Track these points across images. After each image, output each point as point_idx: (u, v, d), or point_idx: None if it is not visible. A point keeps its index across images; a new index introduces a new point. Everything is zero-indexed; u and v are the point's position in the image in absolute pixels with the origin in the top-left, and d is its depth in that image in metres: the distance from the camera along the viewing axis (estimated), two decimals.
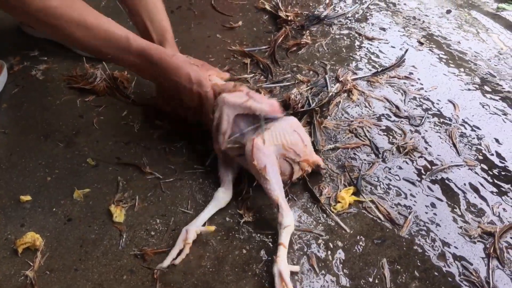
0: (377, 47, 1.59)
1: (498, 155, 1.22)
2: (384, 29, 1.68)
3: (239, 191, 1.09)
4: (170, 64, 1.07)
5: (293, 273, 0.94)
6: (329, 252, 0.99)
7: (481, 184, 1.14)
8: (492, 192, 1.12)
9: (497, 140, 1.25)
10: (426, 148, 1.22)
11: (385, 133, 1.26)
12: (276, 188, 0.99)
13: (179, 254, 0.96)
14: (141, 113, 1.29)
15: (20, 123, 1.25)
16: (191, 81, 1.08)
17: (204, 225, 1.01)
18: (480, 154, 1.22)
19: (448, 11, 1.81)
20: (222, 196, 1.04)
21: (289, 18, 1.66)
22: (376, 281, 0.94)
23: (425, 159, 1.19)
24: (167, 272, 0.94)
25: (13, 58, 1.44)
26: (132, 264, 0.96)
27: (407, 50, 1.55)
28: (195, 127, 1.21)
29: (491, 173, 1.17)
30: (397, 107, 1.34)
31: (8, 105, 1.30)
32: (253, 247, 0.99)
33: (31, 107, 1.29)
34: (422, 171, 1.16)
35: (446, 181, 1.14)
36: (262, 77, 1.44)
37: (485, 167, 1.18)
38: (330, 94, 1.34)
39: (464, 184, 1.14)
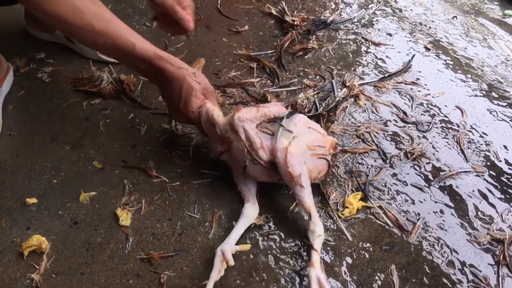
0: (384, 52, 1.59)
1: (506, 161, 1.21)
2: (390, 35, 1.68)
3: None
4: (169, 74, 1.08)
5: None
6: (337, 258, 0.98)
7: (490, 191, 1.13)
8: (500, 198, 1.12)
9: (505, 147, 1.25)
10: (434, 154, 1.22)
11: (393, 139, 1.25)
12: (309, 197, 0.99)
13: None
14: (147, 116, 1.28)
15: (26, 125, 1.24)
16: (180, 97, 1.09)
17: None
18: (489, 160, 1.21)
19: (454, 17, 1.81)
20: (250, 212, 1.02)
21: (295, 23, 1.66)
22: None
23: (433, 165, 1.19)
24: (173, 277, 0.93)
25: (19, 60, 1.44)
26: (138, 268, 0.95)
27: (413, 56, 1.55)
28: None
29: (499, 179, 1.16)
30: (404, 113, 1.34)
31: (14, 107, 1.29)
32: (260, 252, 0.98)
33: (37, 110, 1.29)
34: (430, 177, 1.16)
35: (455, 188, 1.13)
36: (268, 81, 1.43)
37: (493, 173, 1.17)
38: (337, 99, 1.34)
39: (473, 191, 1.13)
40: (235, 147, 1.04)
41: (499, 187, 1.14)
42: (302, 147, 1.03)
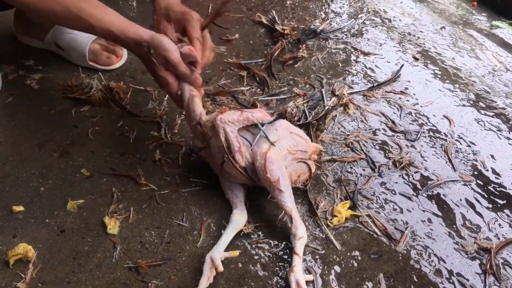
0: (373, 62, 1.60)
1: (493, 171, 1.22)
2: (379, 44, 1.70)
3: None
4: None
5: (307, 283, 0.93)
6: (326, 267, 0.98)
7: (477, 200, 1.14)
8: (488, 208, 1.12)
9: (492, 156, 1.26)
10: (422, 163, 1.22)
11: (381, 148, 1.26)
12: (289, 200, 0.99)
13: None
14: (136, 124, 1.28)
15: (14, 132, 1.23)
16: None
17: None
18: (476, 169, 1.22)
19: (443, 28, 1.83)
20: (238, 218, 1.02)
21: (286, 32, 1.67)
22: None
23: (421, 174, 1.20)
24: (161, 286, 0.92)
25: (7, 67, 1.43)
26: (126, 277, 0.94)
27: (402, 66, 1.56)
28: (190, 139, 1.20)
29: (486, 188, 1.17)
30: (393, 122, 1.35)
31: (2, 114, 1.28)
32: (248, 261, 0.98)
33: (25, 117, 1.28)
34: (418, 186, 1.16)
35: (442, 196, 1.14)
36: (258, 90, 1.44)
37: (480, 182, 1.19)
38: (327, 107, 1.34)
39: (460, 200, 1.14)
40: (213, 145, 1.05)
41: (486, 196, 1.15)
42: (283, 152, 1.04)
